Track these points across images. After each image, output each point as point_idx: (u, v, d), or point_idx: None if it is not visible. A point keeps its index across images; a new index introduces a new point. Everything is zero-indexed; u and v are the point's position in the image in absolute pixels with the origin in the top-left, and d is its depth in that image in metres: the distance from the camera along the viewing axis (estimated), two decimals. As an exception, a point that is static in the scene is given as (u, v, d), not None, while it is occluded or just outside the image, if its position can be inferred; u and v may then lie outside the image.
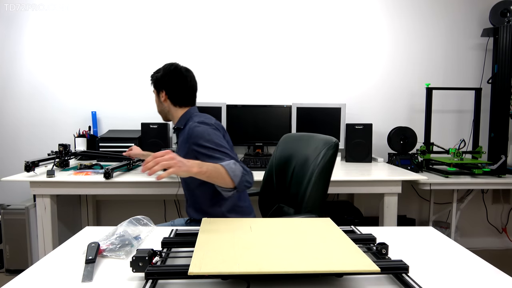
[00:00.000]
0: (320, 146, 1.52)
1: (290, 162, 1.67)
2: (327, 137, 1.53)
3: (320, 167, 1.46)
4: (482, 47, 2.86)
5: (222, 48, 2.78)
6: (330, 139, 1.50)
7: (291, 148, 1.71)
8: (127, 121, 2.77)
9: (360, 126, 2.59)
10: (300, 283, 0.80)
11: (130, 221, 1.13)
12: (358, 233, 1.07)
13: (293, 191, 1.58)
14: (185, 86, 1.55)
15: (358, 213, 2.54)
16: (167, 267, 0.81)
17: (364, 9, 2.82)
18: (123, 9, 2.72)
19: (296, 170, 1.61)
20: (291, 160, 1.67)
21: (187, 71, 1.57)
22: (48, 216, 2.00)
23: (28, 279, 0.83)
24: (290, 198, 1.61)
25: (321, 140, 1.54)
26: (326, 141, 1.51)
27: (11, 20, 2.68)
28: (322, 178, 1.46)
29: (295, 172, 1.62)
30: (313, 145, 1.57)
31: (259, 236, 0.93)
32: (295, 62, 2.83)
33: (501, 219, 3.00)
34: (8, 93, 2.72)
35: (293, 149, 1.69)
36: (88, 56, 2.74)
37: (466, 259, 0.96)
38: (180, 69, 1.55)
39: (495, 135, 2.52)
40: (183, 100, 1.56)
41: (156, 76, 1.56)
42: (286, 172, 1.68)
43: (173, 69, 1.54)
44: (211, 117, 1.53)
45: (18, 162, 2.73)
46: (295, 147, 1.69)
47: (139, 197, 2.64)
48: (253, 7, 2.77)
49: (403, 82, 2.87)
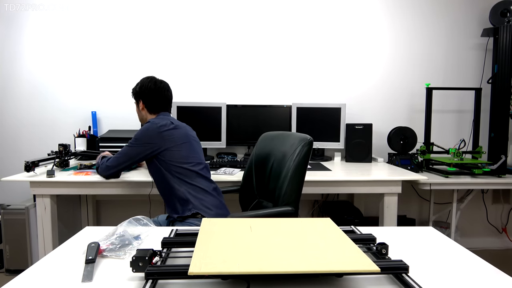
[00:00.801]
0: (296, 143, 1.60)
1: (268, 159, 1.74)
2: (303, 135, 1.62)
3: (296, 162, 1.55)
4: (482, 47, 2.86)
5: (222, 48, 2.78)
6: (305, 136, 1.60)
7: (269, 146, 1.79)
8: (127, 121, 2.77)
9: (360, 126, 2.59)
10: (300, 283, 0.80)
11: (130, 221, 1.13)
12: (358, 233, 1.07)
13: (272, 186, 1.66)
14: (159, 96, 1.77)
15: (358, 213, 2.54)
16: (167, 267, 0.81)
17: (364, 9, 2.82)
18: (123, 9, 2.72)
19: (274, 166, 1.68)
20: (269, 157, 1.74)
21: (161, 82, 1.80)
22: (48, 216, 2.00)
23: (28, 279, 0.83)
24: (269, 193, 1.68)
25: (297, 138, 1.63)
26: (301, 138, 1.60)
27: (11, 20, 2.68)
28: (298, 173, 1.55)
29: (273, 169, 1.69)
30: (289, 142, 1.65)
31: (259, 236, 0.93)
32: (295, 62, 2.83)
33: (501, 219, 3.00)
34: (8, 93, 2.72)
35: (271, 147, 1.76)
36: (88, 56, 2.74)
37: (466, 259, 0.96)
38: (155, 82, 1.78)
39: (495, 135, 2.52)
40: (158, 108, 1.79)
41: (135, 89, 1.80)
42: (265, 169, 1.75)
43: (148, 81, 1.78)
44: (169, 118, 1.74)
45: (18, 162, 2.73)
46: (272, 145, 1.76)
47: (139, 197, 2.63)
48: (253, 7, 2.77)
49: (403, 82, 2.87)
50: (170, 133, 1.65)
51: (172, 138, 1.65)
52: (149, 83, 1.77)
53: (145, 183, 2.02)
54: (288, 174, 1.55)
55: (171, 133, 1.65)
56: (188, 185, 1.62)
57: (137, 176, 2.02)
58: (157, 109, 1.79)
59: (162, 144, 1.62)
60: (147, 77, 1.81)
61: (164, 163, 1.62)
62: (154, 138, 1.63)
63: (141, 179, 1.99)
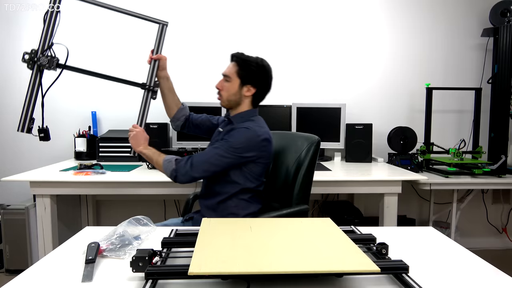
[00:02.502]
0: (304, 143, 1.61)
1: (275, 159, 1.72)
2: (309, 135, 1.63)
3: (307, 162, 1.56)
4: (482, 47, 2.86)
5: (222, 48, 2.78)
6: (312, 136, 1.61)
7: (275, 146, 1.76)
8: (127, 121, 2.76)
9: (360, 126, 2.59)
10: (300, 283, 0.80)
11: (130, 221, 1.13)
12: (358, 233, 1.07)
13: (279, 186, 1.65)
14: (268, 89, 1.56)
15: (358, 213, 2.54)
16: (167, 267, 0.81)
17: (364, 9, 2.82)
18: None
19: (282, 166, 1.67)
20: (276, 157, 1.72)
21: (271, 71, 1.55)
22: (48, 216, 2.00)
23: (28, 279, 0.83)
24: (276, 193, 1.67)
25: (304, 138, 1.64)
26: (308, 138, 1.61)
27: (11, 20, 2.68)
28: (308, 173, 1.57)
29: (281, 169, 1.67)
30: (297, 142, 1.65)
31: (259, 236, 0.93)
32: (295, 62, 2.83)
33: (501, 219, 3.00)
34: (8, 93, 2.72)
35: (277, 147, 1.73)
36: (88, 56, 2.74)
37: (466, 259, 0.96)
38: (270, 70, 1.53)
39: (495, 135, 2.52)
40: (260, 101, 1.58)
41: (250, 67, 1.49)
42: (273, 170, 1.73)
43: (268, 67, 1.53)
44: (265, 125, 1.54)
45: (18, 162, 2.73)
46: (278, 145, 1.73)
47: (139, 197, 2.64)
48: (253, 7, 2.77)
49: (403, 82, 2.87)
50: (267, 148, 1.50)
51: (264, 154, 1.50)
52: (269, 70, 1.53)
53: (145, 183, 2.01)
54: (300, 173, 1.55)
55: (267, 148, 1.50)
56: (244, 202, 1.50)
57: (137, 176, 2.02)
58: (258, 102, 1.57)
59: (256, 156, 1.47)
60: (261, 58, 1.53)
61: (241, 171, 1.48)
62: (253, 150, 1.45)
63: (142, 179, 1.99)
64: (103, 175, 2.00)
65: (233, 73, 1.50)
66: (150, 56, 1.63)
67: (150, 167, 2.22)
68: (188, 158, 1.45)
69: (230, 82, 1.51)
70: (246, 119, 1.53)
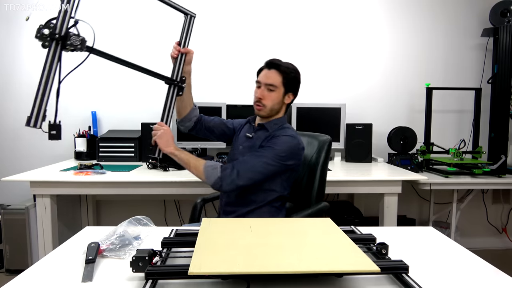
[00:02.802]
0: (318, 143, 1.64)
1: None
2: (321, 135, 1.66)
3: (321, 162, 1.60)
4: (482, 47, 2.86)
5: (222, 48, 2.78)
6: (324, 136, 1.64)
7: None
8: (127, 121, 2.76)
9: (360, 126, 2.59)
10: (300, 283, 0.80)
11: (130, 221, 1.13)
12: (358, 233, 1.07)
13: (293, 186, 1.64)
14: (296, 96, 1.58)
15: (358, 213, 2.54)
16: (167, 267, 0.81)
17: (364, 9, 2.82)
18: (123, 9, 2.72)
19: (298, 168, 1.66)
20: None
21: None
22: (48, 216, 2.00)
23: (28, 279, 0.83)
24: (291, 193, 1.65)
25: (316, 138, 1.66)
26: (320, 138, 1.64)
27: (11, 20, 2.68)
28: (323, 172, 1.61)
29: None
30: (311, 143, 1.67)
31: (259, 236, 0.93)
32: (295, 62, 2.81)
33: (501, 219, 3.00)
34: (8, 93, 2.72)
35: None
36: (88, 56, 2.73)
37: (466, 259, 0.96)
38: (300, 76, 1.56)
39: (495, 135, 2.52)
40: None
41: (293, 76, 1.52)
42: None
43: (299, 73, 1.56)
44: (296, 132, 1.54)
45: (18, 162, 2.73)
46: None
47: (139, 197, 2.63)
48: (253, 7, 2.77)
49: (403, 82, 2.87)
50: (302, 156, 1.51)
51: (301, 162, 1.51)
52: (299, 76, 1.56)
53: (145, 183, 2.01)
54: (317, 173, 1.59)
55: (302, 156, 1.51)
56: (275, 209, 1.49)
57: (137, 176, 2.02)
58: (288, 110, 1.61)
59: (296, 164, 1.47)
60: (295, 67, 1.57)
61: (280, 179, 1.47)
62: (294, 159, 1.45)
63: (142, 179, 1.99)
64: (103, 175, 2.00)
65: (278, 82, 1.48)
66: (176, 49, 1.51)
67: (150, 167, 2.22)
68: (232, 166, 1.38)
69: (275, 91, 1.48)
70: (280, 126, 1.52)
